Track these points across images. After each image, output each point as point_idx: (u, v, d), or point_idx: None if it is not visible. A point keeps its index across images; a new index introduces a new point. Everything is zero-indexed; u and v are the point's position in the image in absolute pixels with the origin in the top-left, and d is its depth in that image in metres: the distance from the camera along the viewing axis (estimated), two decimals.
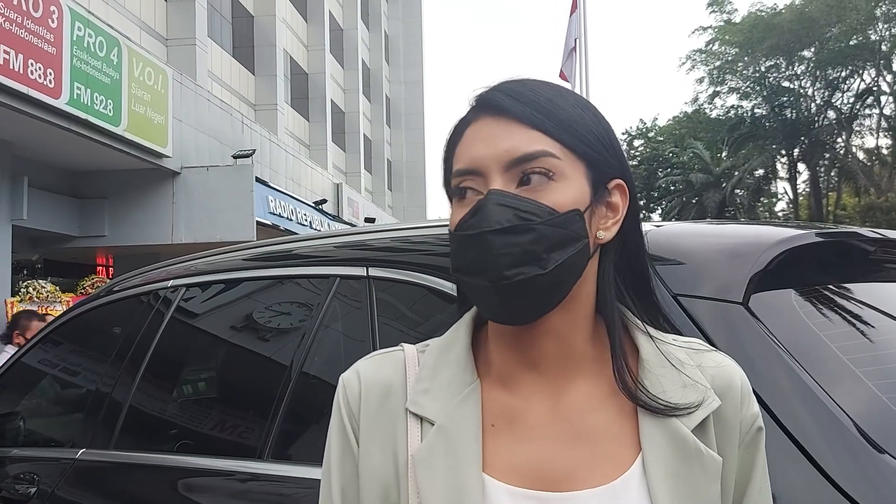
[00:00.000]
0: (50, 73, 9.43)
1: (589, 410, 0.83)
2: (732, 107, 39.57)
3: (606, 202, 0.84)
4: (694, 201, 39.60)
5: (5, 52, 8.62)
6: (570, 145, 0.80)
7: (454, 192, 0.83)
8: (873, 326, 1.31)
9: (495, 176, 0.79)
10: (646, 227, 1.39)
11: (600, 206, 0.83)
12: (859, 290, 1.38)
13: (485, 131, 0.81)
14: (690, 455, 0.79)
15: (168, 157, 12.76)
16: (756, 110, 38.07)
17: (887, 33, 31.66)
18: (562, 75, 13.98)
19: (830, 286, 1.35)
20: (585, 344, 0.84)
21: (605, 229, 0.83)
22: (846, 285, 1.38)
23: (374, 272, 1.69)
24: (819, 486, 1.02)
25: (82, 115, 10.17)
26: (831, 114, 35.24)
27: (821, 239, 1.35)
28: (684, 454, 0.79)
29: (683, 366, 0.83)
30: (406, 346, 0.91)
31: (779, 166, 38.67)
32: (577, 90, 13.50)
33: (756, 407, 0.85)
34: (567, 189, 0.79)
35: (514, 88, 0.83)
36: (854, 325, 1.29)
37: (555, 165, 0.79)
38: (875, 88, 33.71)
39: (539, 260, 0.77)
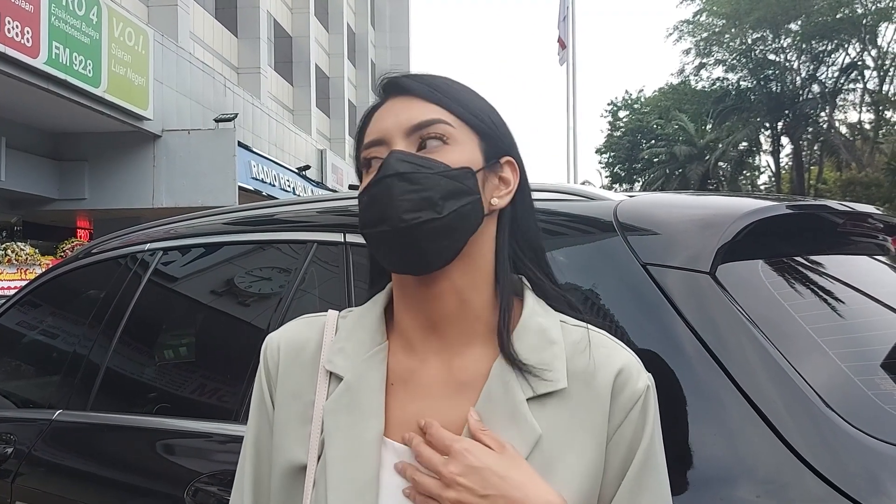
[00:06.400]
0: (28, 32, 9.25)
1: (477, 370, 0.91)
2: (718, 79, 39.57)
3: (499, 175, 0.95)
4: (677, 173, 39.70)
5: None
6: (462, 117, 0.92)
7: (363, 164, 0.94)
8: (839, 298, 1.33)
9: (397, 141, 0.90)
10: (618, 196, 1.41)
11: (493, 176, 0.94)
12: (827, 262, 1.40)
13: (389, 109, 0.93)
14: (517, 418, 0.87)
15: (149, 119, 12.60)
16: (741, 83, 38.04)
17: (873, 6, 31.59)
18: (560, 42, 13.93)
19: (798, 258, 1.37)
20: (483, 308, 0.92)
21: (499, 197, 0.94)
22: (814, 257, 1.40)
23: (351, 238, 1.70)
24: (779, 453, 1.05)
25: (61, 76, 10.01)
26: (816, 88, 35.29)
27: (790, 211, 1.37)
28: (512, 415, 0.87)
29: (552, 345, 0.90)
30: (331, 311, 1.01)
31: (762, 139, 38.74)
32: (569, 57, 13.50)
33: (629, 401, 0.88)
34: (460, 152, 0.90)
35: (415, 75, 0.95)
36: (819, 296, 1.31)
37: (448, 132, 0.90)
38: (859, 63, 33.75)
39: (434, 206, 0.86)
